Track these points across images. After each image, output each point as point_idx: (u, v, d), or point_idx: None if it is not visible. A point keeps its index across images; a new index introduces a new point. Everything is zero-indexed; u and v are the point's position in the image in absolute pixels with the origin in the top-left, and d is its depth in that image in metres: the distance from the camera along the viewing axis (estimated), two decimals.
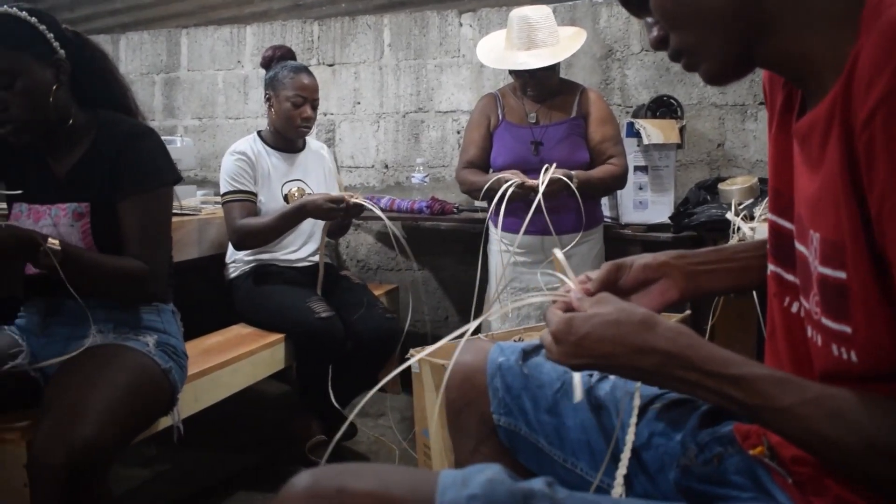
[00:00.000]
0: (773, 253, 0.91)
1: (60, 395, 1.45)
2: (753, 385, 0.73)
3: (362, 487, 0.69)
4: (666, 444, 1.02)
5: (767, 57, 0.79)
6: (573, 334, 0.83)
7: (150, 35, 4.06)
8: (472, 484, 0.71)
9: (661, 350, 0.78)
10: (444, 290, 3.54)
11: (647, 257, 1.06)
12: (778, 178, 0.88)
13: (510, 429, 1.19)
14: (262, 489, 2.39)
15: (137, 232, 1.66)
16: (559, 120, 2.63)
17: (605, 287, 1.03)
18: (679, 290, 1.04)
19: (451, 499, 0.69)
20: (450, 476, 0.72)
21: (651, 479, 1.03)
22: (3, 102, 1.56)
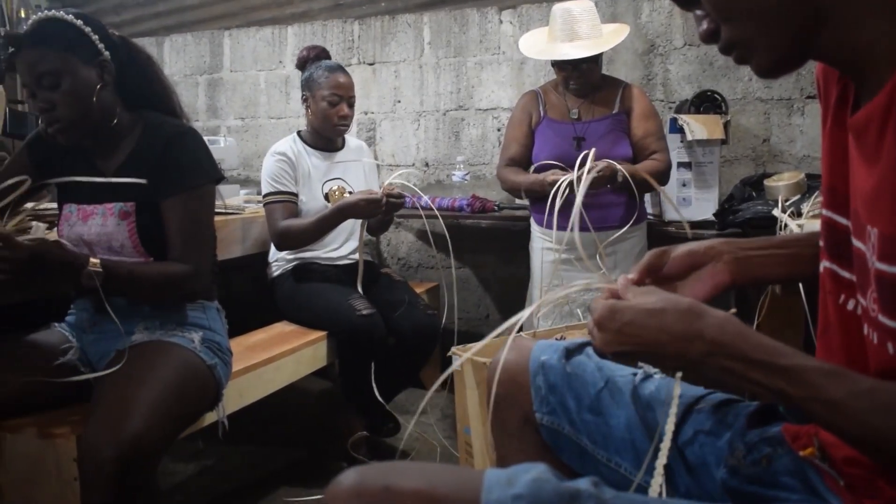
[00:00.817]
0: (828, 250, 0.88)
1: (109, 391, 1.48)
2: (803, 376, 0.71)
3: (408, 485, 0.69)
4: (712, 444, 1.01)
5: (822, 49, 0.77)
6: (616, 321, 0.82)
7: (194, 37, 4.11)
8: (517, 483, 0.70)
9: (708, 338, 0.77)
10: (485, 288, 3.53)
11: (693, 243, 1.04)
12: (833, 173, 0.86)
13: (553, 427, 1.18)
14: (305, 485, 2.41)
15: (180, 231, 1.69)
16: (601, 115, 2.61)
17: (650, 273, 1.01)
18: (730, 274, 1.01)
19: (496, 498, 0.69)
20: (495, 475, 0.72)
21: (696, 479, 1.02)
22: (50, 102, 1.60)
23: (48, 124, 1.63)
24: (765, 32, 0.76)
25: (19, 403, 1.59)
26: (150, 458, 1.42)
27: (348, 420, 2.58)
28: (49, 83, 1.58)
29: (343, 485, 0.71)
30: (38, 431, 1.57)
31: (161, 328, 1.71)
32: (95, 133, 1.69)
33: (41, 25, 1.60)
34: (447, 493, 0.69)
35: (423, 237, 3.64)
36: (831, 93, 0.87)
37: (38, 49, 1.57)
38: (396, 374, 2.56)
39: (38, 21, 1.60)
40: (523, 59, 3.38)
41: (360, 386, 2.43)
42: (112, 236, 1.66)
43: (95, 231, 1.67)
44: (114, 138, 1.73)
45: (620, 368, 1.16)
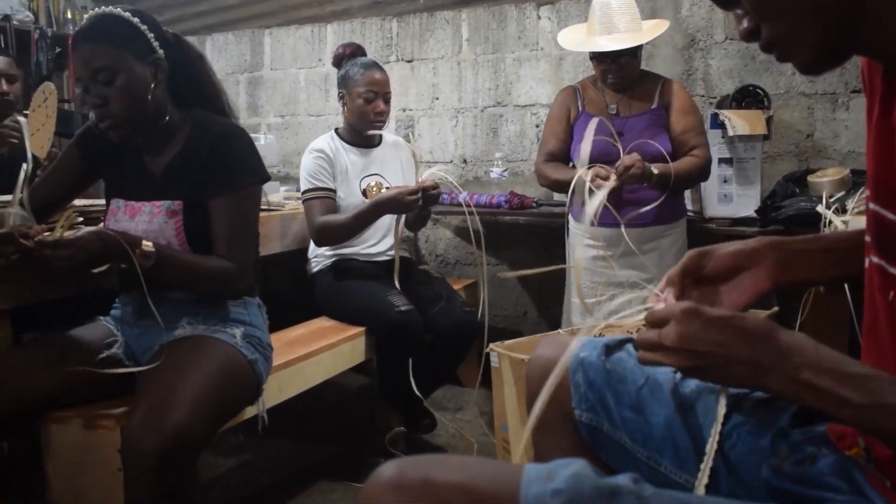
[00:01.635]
0: (876, 245, 0.87)
1: (153, 384, 1.51)
2: (868, 384, 0.71)
3: (448, 478, 0.69)
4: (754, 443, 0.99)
5: (865, 45, 0.75)
6: (701, 315, 0.83)
7: (235, 36, 4.16)
8: (557, 478, 0.70)
9: (781, 348, 0.78)
10: (523, 285, 3.52)
11: (737, 244, 1.02)
12: (879, 166, 0.84)
13: (592, 425, 1.17)
14: (342, 479, 2.43)
15: (227, 230, 1.71)
16: (640, 111, 2.59)
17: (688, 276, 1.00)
18: (772, 278, 1.00)
19: (535, 493, 0.69)
20: (534, 470, 0.72)
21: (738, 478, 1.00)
22: (104, 98, 1.62)
23: (100, 119, 1.65)
24: (804, 30, 0.75)
25: (65, 395, 1.62)
26: (191, 450, 1.44)
27: (386, 416, 2.59)
28: (104, 79, 1.61)
29: (382, 476, 0.71)
30: (84, 423, 1.61)
31: (203, 323, 1.73)
32: (146, 130, 1.72)
33: (98, 21, 1.62)
34: (486, 486, 0.69)
35: (460, 234, 3.64)
36: (876, 86, 0.85)
37: (95, 44, 1.60)
38: (434, 370, 2.57)
39: (96, 16, 1.63)
40: (561, 55, 3.36)
41: (398, 382, 2.44)
42: (159, 233, 1.69)
43: (142, 228, 1.70)
44: (163, 136, 1.75)
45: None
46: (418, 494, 0.69)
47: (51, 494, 1.65)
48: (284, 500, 2.31)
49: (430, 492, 0.69)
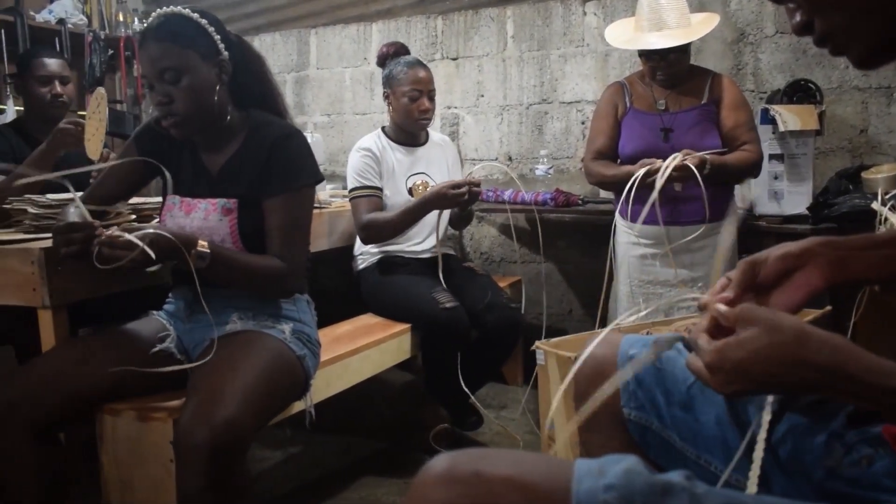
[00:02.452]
0: None
1: (204, 378, 1.54)
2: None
3: (499, 472, 0.69)
4: (808, 444, 0.97)
5: None
6: (728, 362, 0.81)
7: (282, 36, 4.21)
8: (608, 474, 0.69)
9: (821, 366, 0.77)
10: (568, 282, 3.50)
11: (788, 246, 1.00)
12: None
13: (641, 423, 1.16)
14: (388, 475, 2.45)
15: (280, 230, 1.73)
16: (690, 106, 2.55)
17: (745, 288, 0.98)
18: (824, 278, 0.98)
19: (587, 488, 0.68)
20: (585, 465, 0.71)
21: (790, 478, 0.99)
22: (169, 96, 1.65)
23: (164, 117, 1.68)
24: (860, 23, 0.73)
25: (119, 388, 1.66)
26: (241, 442, 1.46)
27: (431, 412, 2.60)
28: (170, 78, 1.64)
29: (434, 470, 0.71)
30: (137, 415, 1.64)
31: (254, 319, 1.76)
32: (207, 129, 1.75)
33: (166, 20, 1.65)
34: (537, 481, 0.69)
35: (505, 231, 3.63)
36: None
37: (162, 44, 1.63)
38: (479, 367, 2.56)
39: (163, 16, 1.65)
40: (608, 51, 3.33)
41: (443, 379, 2.45)
42: (213, 231, 1.71)
43: (197, 224, 1.73)
44: (223, 135, 1.78)
45: None
46: (469, 488, 0.69)
47: (105, 484, 1.70)
48: (330, 494, 2.33)
49: (482, 485, 0.69)
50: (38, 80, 2.60)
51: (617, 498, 0.68)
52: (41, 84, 2.60)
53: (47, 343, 1.75)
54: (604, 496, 0.68)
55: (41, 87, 2.60)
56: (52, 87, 2.61)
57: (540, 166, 3.39)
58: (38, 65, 2.61)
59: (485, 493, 0.68)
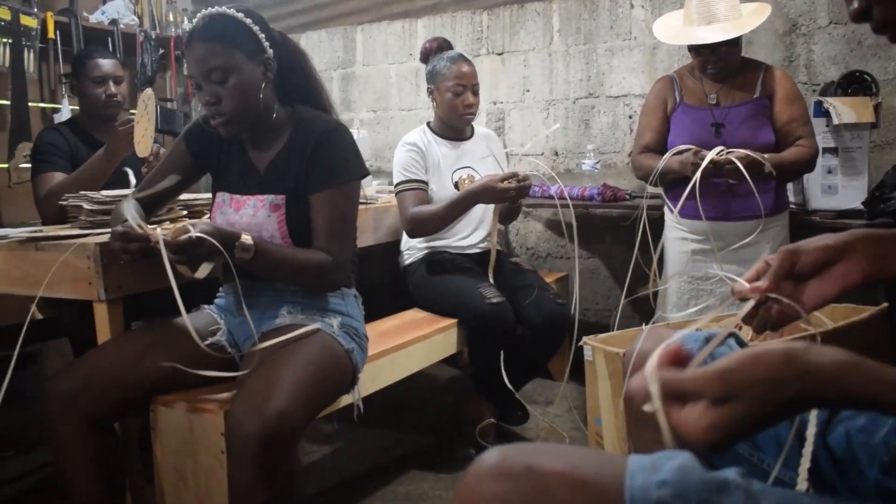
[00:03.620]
0: None
1: (254, 371, 1.56)
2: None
3: (551, 466, 0.69)
4: (865, 442, 0.95)
5: None
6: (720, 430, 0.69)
7: (328, 33, 4.24)
8: (662, 470, 0.69)
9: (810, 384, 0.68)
10: (615, 278, 3.47)
11: (829, 237, 0.98)
12: None
13: None
14: (434, 469, 2.46)
15: (326, 224, 1.75)
16: (742, 100, 2.50)
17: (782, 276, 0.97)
18: (862, 273, 0.95)
19: (641, 483, 0.68)
20: (638, 460, 0.71)
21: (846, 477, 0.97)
22: (217, 96, 1.68)
23: (212, 116, 1.71)
24: None
25: (172, 380, 1.69)
26: (291, 434, 1.48)
27: (477, 407, 2.60)
28: (217, 78, 1.66)
29: (485, 463, 0.71)
30: (190, 407, 1.68)
31: (303, 313, 1.78)
32: (254, 127, 1.77)
33: (212, 21, 1.67)
34: (590, 475, 0.69)
35: (551, 226, 3.61)
36: None
37: (208, 44, 1.65)
38: (525, 363, 2.56)
39: (209, 16, 1.68)
40: (656, 44, 3.29)
41: (489, 374, 2.45)
42: (262, 226, 1.74)
43: (246, 221, 1.75)
44: (269, 132, 1.80)
45: None
46: (521, 482, 0.69)
47: (159, 474, 1.74)
48: (376, 487, 2.35)
49: (534, 479, 0.69)
50: (92, 80, 2.66)
51: (671, 494, 0.67)
52: (96, 84, 2.66)
53: (102, 336, 1.79)
54: (658, 492, 0.67)
55: (96, 88, 2.66)
56: (106, 87, 2.66)
57: (587, 161, 3.36)
58: (92, 65, 2.66)
59: (537, 487, 0.68)
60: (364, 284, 2.03)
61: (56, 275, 1.82)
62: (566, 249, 3.56)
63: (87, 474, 1.59)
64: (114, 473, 1.65)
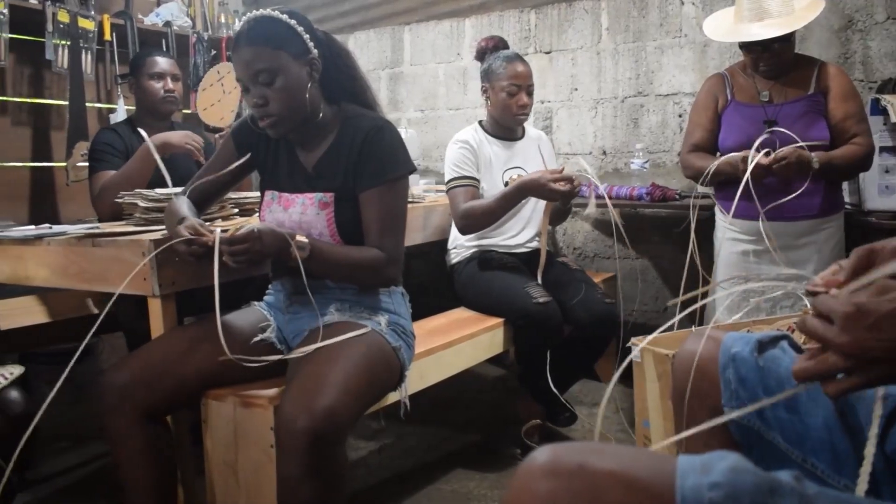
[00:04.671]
0: None
1: (303, 367, 1.58)
2: None
3: (603, 465, 0.69)
4: None
5: None
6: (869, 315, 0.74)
7: (376, 33, 4.27)
8: (713, 471, 0.68)
9: None
10: (664, 279, 3.43)
11: None
12: None
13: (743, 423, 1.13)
14: (479, 468, 2.46)
15: (377, 221, 1.76)
16: (795, 97, 2.45)
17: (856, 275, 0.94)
18: None
19: (692, 484, 0.67)
20: (688, 461, 0.70)
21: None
22: (264, 98, 1.70)
23: (261, 118, 1.74)
24: None
25: (223, 375, 1.72)
26: (339, 430, 1.49)
27: (524, 407, 2.60)
28: (264, 80, 1.68)
29: (537, 461, 0.71)
30: (240, 401, 1.70)
31: (351, 311, 1.80)
32: (302, 127, 1.79)
33: (257, 23, 1.70)
34: (641, 475, 0.68)
35: (599, 226, 3.59)
36: None
37: (255, 47, 1.68)
38: (571, 364, 2.55)
39: (254, 19, 1.70)
40: (706, 42, 3.24)
41: (536, 374, 2.44)
42: (311, 224, 1.76)
43: (295, 219, 1.78)
44: (316, 131, 1.82)
45: None
46: (573, 480, 0.68)
47: (209, 467, 1.77)
48: (422, 485, 2.36)
49: (585, 478, 0.68)
50: (150, 76, 2.73)
51: (723, 496, 0.66)
52: (154, 80, 2.73)
53: (156, 330, 1.84)
54: (709, 494, 0.66)
55: (154, 83, 2.73)
56: (164, 82, 2.74)
57: (635, 160, 3.32)
58: (151, 62, 2.74)
59: (588, 486, 0.68)
60: (411, 283, 2.05)
61: (112, 270, 1.87)
62: (614, 250, 3.53)
63: (141, 465, 1.63)
64: (166, 465, 1.69)
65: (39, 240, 2.06)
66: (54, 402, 1.47)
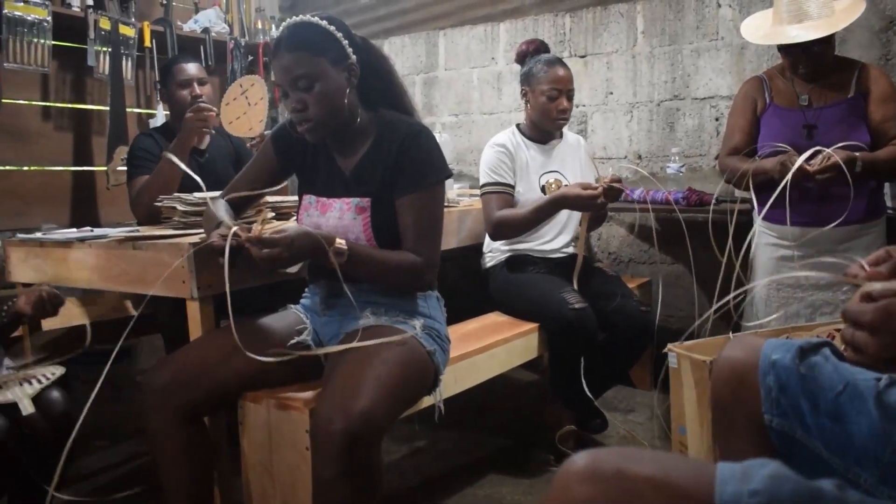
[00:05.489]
0: None
1: (339, 370, 1.59)
2: None
3: (641, 471, 0.68)
4: None
5: None
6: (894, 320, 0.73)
7: (411, 38, 4.29)
8: (754, 479, 0.67)
9: None
10: (700, 285, 3.39)
11: None
12: None
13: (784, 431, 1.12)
14: (512, 473, 2.45)
15: (414, 226, 1.77)
16: (835, 100, 2.41)
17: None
18: None
19: (732, 492, 0.66)
20: (728, 469, 0.69)
21: None
22: (303, 103, 1.72)
23: (299, 123, 1.75)
24: None
25: (259, 377, 1.74)
26: (375, 433, 1.50)
27: (556, 413, 2.58)
28: (304, 85, 1.70)
29: (576, 465, 0.71)
30: (276, 403, 1.72)
31: (386, 314, 1.80)
32: (340, 131, 1.81)
33: (296, 29, 1.71)
34: (680, 482, 0.68)
35: (634, 231, 3.56)
36: None
37: (294, 53, 1.69)
38: (606, 370, 2.53)
39: (293, 25, 1.72)
40: (744, 44, 3.20)
41: (569, 380, 2.43)
42: (348, 229, 1.77)
43: (333, 223, 1.79)
44: (354, 136, 1.83)
45: (861, 372, 1.08)
46: (612, 485, 0.68)
47: (245, 468, 1.79)
48: (456, 489, 2.36)
49: (624, 483, 0.68)
50: (179, 84, 2.77)
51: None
52: (182, 87, 2.77)
53: (194, 332, 1.86)
54: (749, 501, 0.66)
55: (182, 91, 2.76)
56: (191, 88, 2.77)
57: (671, 164, 3.30)
58: (177, 70, 2.78)
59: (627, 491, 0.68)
60: (446, 287, 2.05)
61: (151, 273, 1.90)
62: (649, 254, 3.50)
63: (179, 465, 1.65)
64: (203, 465, 1.71)
65: (81, 242, 2.10)
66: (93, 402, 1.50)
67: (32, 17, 3.12)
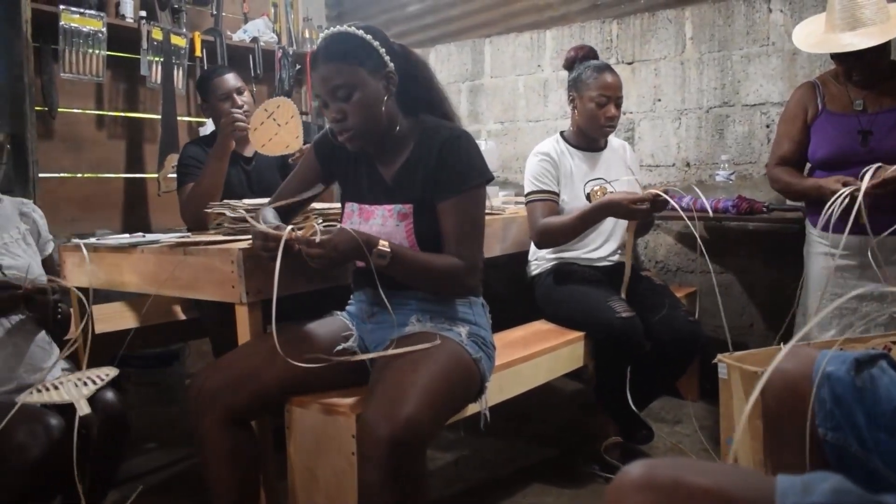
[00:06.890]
0: None
1: (385, 376, 1.60)
2: None
3: (699, 482, 0.67)
4: None
5: None
6: None
7: (457, 46, 4.30)
8: (815, 492, 0.65)
9: None
10: (750, 295, 3.33)
11: None
12: None
13: (838, 444, 1.09)
14: (556, 483, 2.43)
15: (456, 231, 1.77)
16: (891, 106, 2.34)
17: None
18: None
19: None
20: (788, 481, 0.68)
21: None
22: (342, 112, 1.74)
23: (339, 132, 1.77)
24: None
25: (306, 382, 1.76)
26: (420, 440, 1.50)
27: (601, 423, 2.56)
28: (342, 95, 1.72)
29: (631, 475, 0.70)
30: (323, 408, 1.73)
31: (432, 321, 1.81)
32: (380, 140, 1.82)
33: (333, 41, 1.73)
34: (739, 494, 0.67)
35: (682, 239, 3.51)
36: None
37: (332, 63, 1.71)
38: (652, 380, 2.49)
39: (331, 36, 1.74)
40: (795, 50, 3.14)
41: (616, 390, 2.40)
42: (391, 236, 1.78)
43: (375, 230, 1.80)
44: (394, 143, 1.85)
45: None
46: (668, 495, 0.67)
47: (291, 472, 1.80)
48: (500, 498, 2.35)
49: (681, 494, 0.67)
50: (219, 98, 2.80)
51: None
52: (223, 101, 2.79)
53: (243, 337, 1.89)
54: None
55: (223, 104, 2.79)
56: (231, 101, 2.79)
57: (721, 172, 3.25)
58: (216, 84, 2.81)
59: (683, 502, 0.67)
60: (491, 294, 2.04)
61: (201, 278, 1.94)
62: (697, 263, 3.45)
63: (226, 467, 1.68)
64: (249, 468, 1.73)
65: (133, 248, 2.14)
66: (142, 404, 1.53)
67: (88, 29, 3.21)
